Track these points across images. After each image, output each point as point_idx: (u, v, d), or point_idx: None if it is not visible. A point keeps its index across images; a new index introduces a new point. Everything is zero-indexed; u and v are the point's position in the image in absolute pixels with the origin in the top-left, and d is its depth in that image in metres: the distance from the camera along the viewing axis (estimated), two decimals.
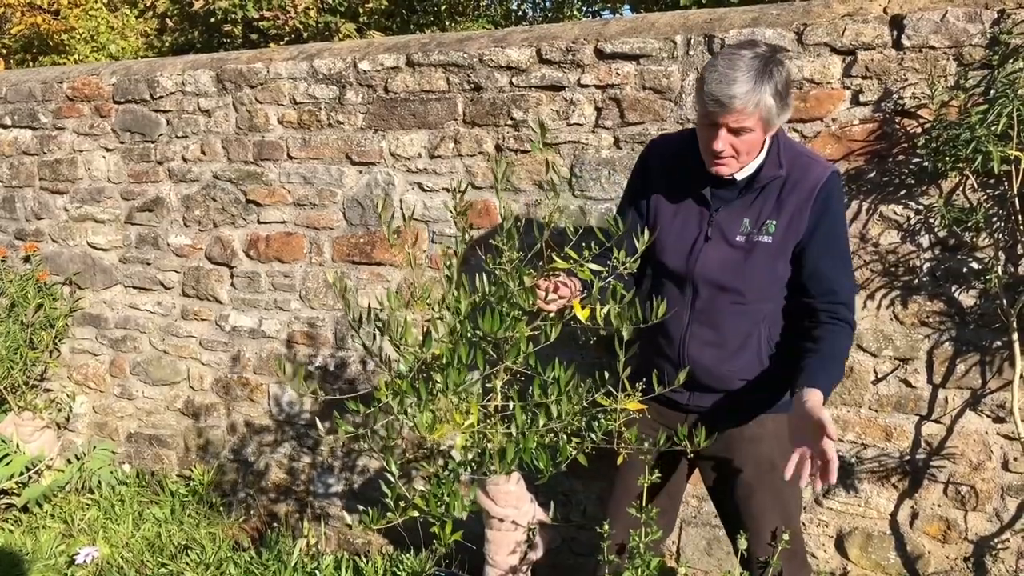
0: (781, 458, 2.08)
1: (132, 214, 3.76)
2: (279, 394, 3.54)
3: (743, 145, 1.89)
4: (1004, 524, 2.53)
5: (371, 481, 3.42)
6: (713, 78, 1.82)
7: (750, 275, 2.01)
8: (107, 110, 3.73)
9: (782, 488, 2.10)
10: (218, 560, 3.22)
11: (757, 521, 2.09)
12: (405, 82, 3.10)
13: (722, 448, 2.12)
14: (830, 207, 1.98)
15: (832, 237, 1.99)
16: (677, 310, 2.06)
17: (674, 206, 2.09)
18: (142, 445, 3.94)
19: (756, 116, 1.84)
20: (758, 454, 2.10)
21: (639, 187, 2.18)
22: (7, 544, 3.45)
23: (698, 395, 2.12)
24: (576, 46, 2.80)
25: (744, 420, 2.11)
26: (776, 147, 1.99)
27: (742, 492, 2.12)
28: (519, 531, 2.29)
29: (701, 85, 1.86)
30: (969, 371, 2.50)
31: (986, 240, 2.41)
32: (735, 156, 1.91)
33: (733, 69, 1.81)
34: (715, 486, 2.22)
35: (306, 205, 3.36)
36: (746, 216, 2.01)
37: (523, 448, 1.84)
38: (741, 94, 1.80)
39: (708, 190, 2.04)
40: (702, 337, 2.06)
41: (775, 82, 1.83)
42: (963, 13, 2.34)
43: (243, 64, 3.40)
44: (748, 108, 1.81)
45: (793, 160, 2.00)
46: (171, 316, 3.76)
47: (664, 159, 2.14)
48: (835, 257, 2.00)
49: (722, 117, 1.84)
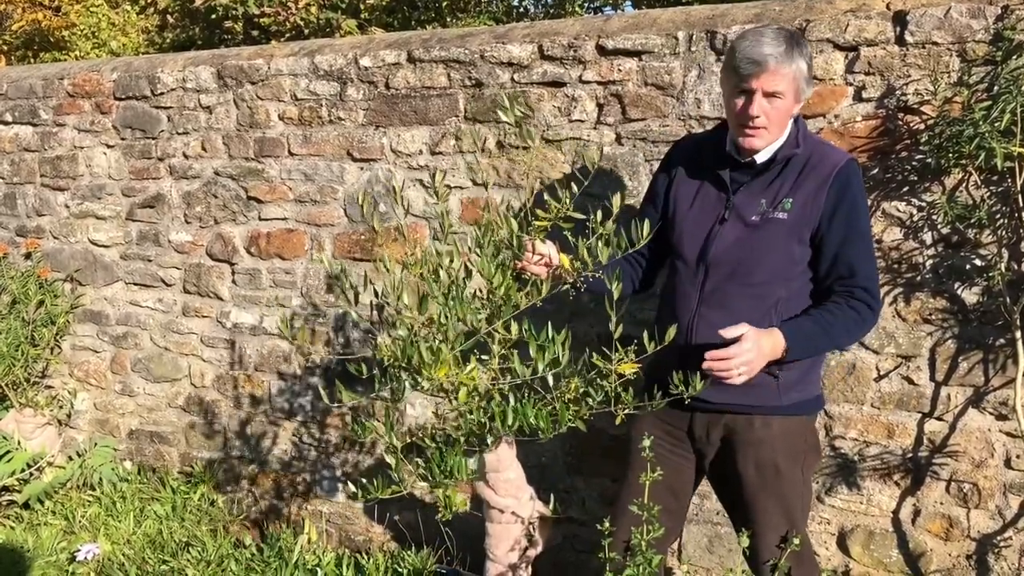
0: (786, 462, 2.09)
1: (133, 211, 3.76)
2: (281, 390, 3.54)
3: (775, 113, 1.94)
4: (1007, 522, 2.53)
5: (374, 475, 3.40)
6: (745, 45, 1.92)
7: (760, 251, 2.01)
8: (108, 106, 3.72)
9: (787, 493, 2.10)
10: (219, 557, 3.22)
11: (761, 525, 2.09)
12: (406, 78, 3.09)
13: (727, 451, 2.12)
14: (849, 192, 2.00)
15: (852, 222, 2.00)
16: (685, 296, 2.11)
17: (693, 195, 2.15)
18: (143, 442, 3.94)
19: (790, 78, 1.91)
20: (762, 458, 2.08)
21: (661, 183, 2.25)
22: (8, 541, 3.46)
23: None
24: (578, 42, 2.79)
25: (748, 416, 2.09)
26: (796, 131, 2.03)
27: (748, 496, 2.11)
28: (519, 524, 2.29)
29: (731, 56, 1.95)
30: (972, 368, 2.49)
31: (989, 237, 2.41)
32: (766, 127, 1.95)
33: (764, 35, 1.91)
34: (722, 490, 2.23)
35: (307, 202, 3.36)
36: (763, 197, 2.04)
37: (522, 412, 1.90)
38: (778, 54, 1.89)
39: (727, 173, 2.08)
40: (711, 319, 2.05)
41: (805, 52, 1.94)
42: (966, 9, 2.33)
43: (244, 60, 3.40)
44: (783, 69, 1.89)
45: (812, 144, 2.06)
46: (172, 313, 3.75)
47: (686, 153, 2.22)
48: (855, 242, 2.01)
49: (757, 79, 1.90)
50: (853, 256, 2.00)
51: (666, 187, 2.22)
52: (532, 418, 1.90)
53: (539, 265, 2.07)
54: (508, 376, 1.97)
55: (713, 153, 2.12)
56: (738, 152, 2.06)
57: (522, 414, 1.90)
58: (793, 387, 2.08)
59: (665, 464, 2.11)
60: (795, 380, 2.08)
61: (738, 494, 2.13)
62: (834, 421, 2.66)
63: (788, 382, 2.06)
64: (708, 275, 2.07)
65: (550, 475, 3.04)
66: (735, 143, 2.05)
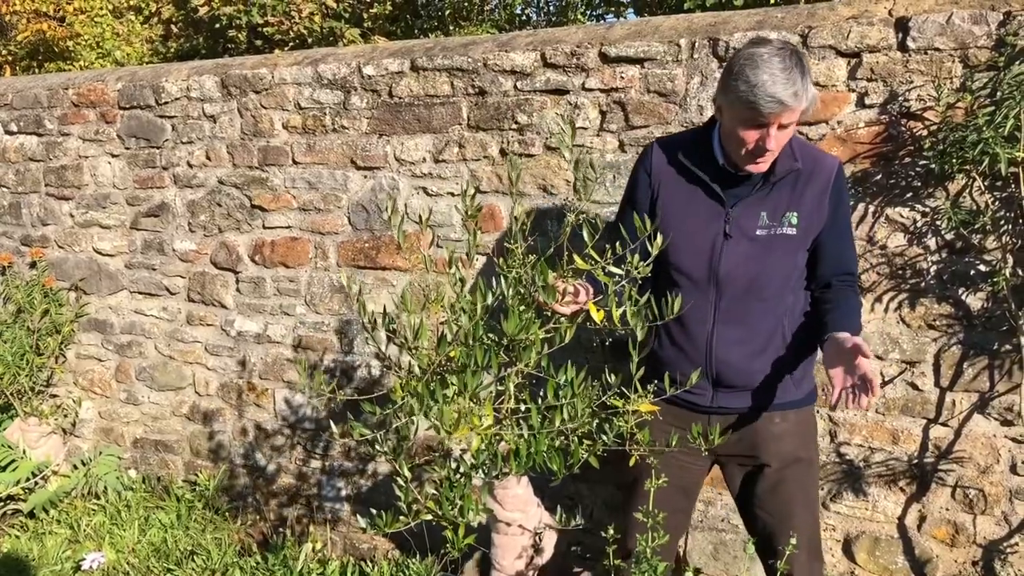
0: (805, 451, 2.16)
1: (138, 220, 3.77)
2: (286, 398, 3.54)
3: (784, 139, 1.93)
4: (1013, 528, 2.52)
5: (379, 485, 3.41)
6: (762, 80, 1.80)
7: (773, 268, 2.04)
8: (112, 116, 3.74)
9: (806, 479, 2.16)
10: (224, 565, 3.22)
11: (784, 513, 2.12)
12: (410, 87, 3.10)
13: (747, 448, 2.15)
14: (843, 195, 2.09)
15: (846, 223, 2.12)
16: (697, 311, 2.06)
17: (684, 207, 2.08)
18: (148, 450, 3.94)
19: (803, 109, 1.87)
20: (782, 450, 2.13)
21: (643, 191, 2.16)
22: (13, 550, 3.46)
23: (721, 395, 2.12)
24: (580, 50, 2.80)
25: (768, 413, 2.13)
26: (789, 141, 2.01)
27: (767, 487, 2.14)
28: (526, 535, 2.29)
29: (744, 90, 1.83)
30: (977, 374, 2.48)
31: (993, 242, 2.40)
32: (775, 153, 1.95)
33: (778, 69, 1.81)
34: (740, 485, 2.23)
35: (311, 210, 3.37)
36: (762, 210, 2.03)
37: (535, 450, 1.84)
38: (801, 92, 1.83)
39: (719, 187, 2.04)
40: (729, 336, 2.07)
41: (811, 75, 1.89)
42: (968, 15, 2.34)
43: (248, 70, 3.41)
44: (803, 104, 1.85)
45: (804, 153, 2.06)
46: (177, 321, 3.76)
47: (667, 162, 2.13)
48: (848, 239, 2.13)
49: (779, 117, 1.84)
50: (849, 253, 2.13)
51: (651, 196, 2.14)
52: (544, 459, 1.86)
53: (567, 305, 1.95)
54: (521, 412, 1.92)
55: (700, 161, 2.06)
56: (732, 166, 2.02)
57: (536, 453, 1.85)
58: (803, 379, 2.16)
59: (675, 464, 2.13)
60: (803, 373, 2.16)
61: (758, 487, 2.16)
62: (839, 427, 2.66)
63: (799, 376, 2.14)
64: (721, 292, 2.06)
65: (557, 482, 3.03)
66: (737, 167, 2.00)
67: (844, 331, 1.96)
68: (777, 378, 2.09)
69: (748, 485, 2.20)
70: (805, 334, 2.10)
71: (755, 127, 1.88)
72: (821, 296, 2.11)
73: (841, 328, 1.97)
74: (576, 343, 2.90)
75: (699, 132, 2.15)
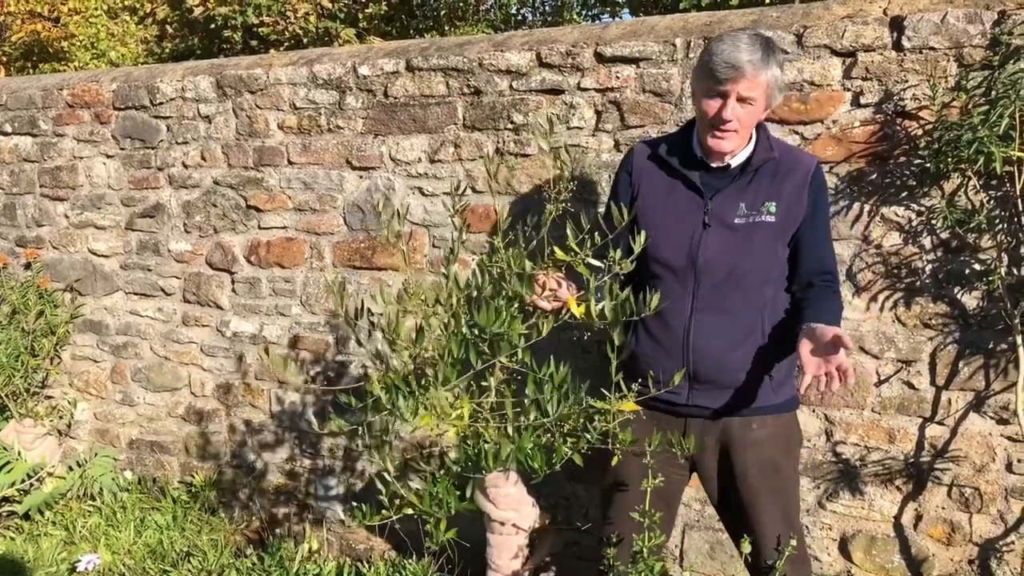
0: (783, 458, 2.12)
1: (133, 220, 3.76)
2: (281, 399, 3.54)
3: (746, 118, 1.96)
4: (1009, 527, 2.52)
5: (372, 484, 3.41)
6: (722, 48, 1.91)
7: (752, 256, 2.04)
8: (107, 117, 3.73)
9: (784, 489, 2.13)
10: (220, 566, 3.21)
11: (762, 523, 2.10)
12: (405, 87, 3.10)
13: (725, 454, 2.12)
14: (823, 193, 2.11)
15: (825, 220, 2.13)
16: (675, 302, 2.07)
17: (664, 201, 2.12)
18: (144, 452, 3.93)
19: (764, 85, 1.93)
20: (761, 458, 2.10)
21: (624, 189, 2.21)
22: (8, 552, 3.45)
23: (697, 392, 2.10)
24: (576, 50, 2.80)
25: (746, 417, 2.11)
26: (764, 134, 2.08)
27: (746, 495, 2.11)
28: (520, 535, 2.29)
29: (707, 58, 1.94)
30: (973, 373, 2.49)
31: (989, 241, 2.41)
32: (737, 130, 1.97)
33: (741, 40, 1.91)
34: (718, 491, 2.22)
35: (307, 210, 3.36)
36: (741, 200, 2.05)
37: (518, 447, 1.85)
38: (756, 60, 1.89)
39: (699, 178, 2.08)
40: (707, 326, 2.06)
41: (778, 60, 1.95)
42: (963, 14, 2.34)
43: (243, 70, 3.40)
44: (760, 76, 1.91)
45: (781, 148, 2.10)
46: (172, 322, 3.75)
47: (649, 159, 2.18)
48: (828, 240, 2.14)
49: (734, 84, 1.91)
50: (828, 253, 2.13)
51: (631, 194, 2.18)
52: (526, 458, 1.88)
53: (546, 300, 1.99)
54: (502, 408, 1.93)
55: (680, 156, 2.11)
56: (708, 156, 2.06)
57: (517, 450, 1.87)
58: (783, 384, 2.14)
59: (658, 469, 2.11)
60: (784, 377, 2.13)
61: (738, 496, 2.13)
62: (835, 426, 2.66)
63: (779, 380, 2.12)
64: (700, 280, 2.06)
65: (551, 482, 3.04)
66: (703, 144, 2.05)
67: (822, 324, 1.94)
68: (755, 377, 2.07)
69: (728, 496, 2.17)
70: (785, 334, 2.07)
71: (715, 95, 1.95)
72: (802, 296, 2.10)
73: (819, 321, 1.95)
74: (571, 343, 2.90)
75: (682, 129, 2.20)
